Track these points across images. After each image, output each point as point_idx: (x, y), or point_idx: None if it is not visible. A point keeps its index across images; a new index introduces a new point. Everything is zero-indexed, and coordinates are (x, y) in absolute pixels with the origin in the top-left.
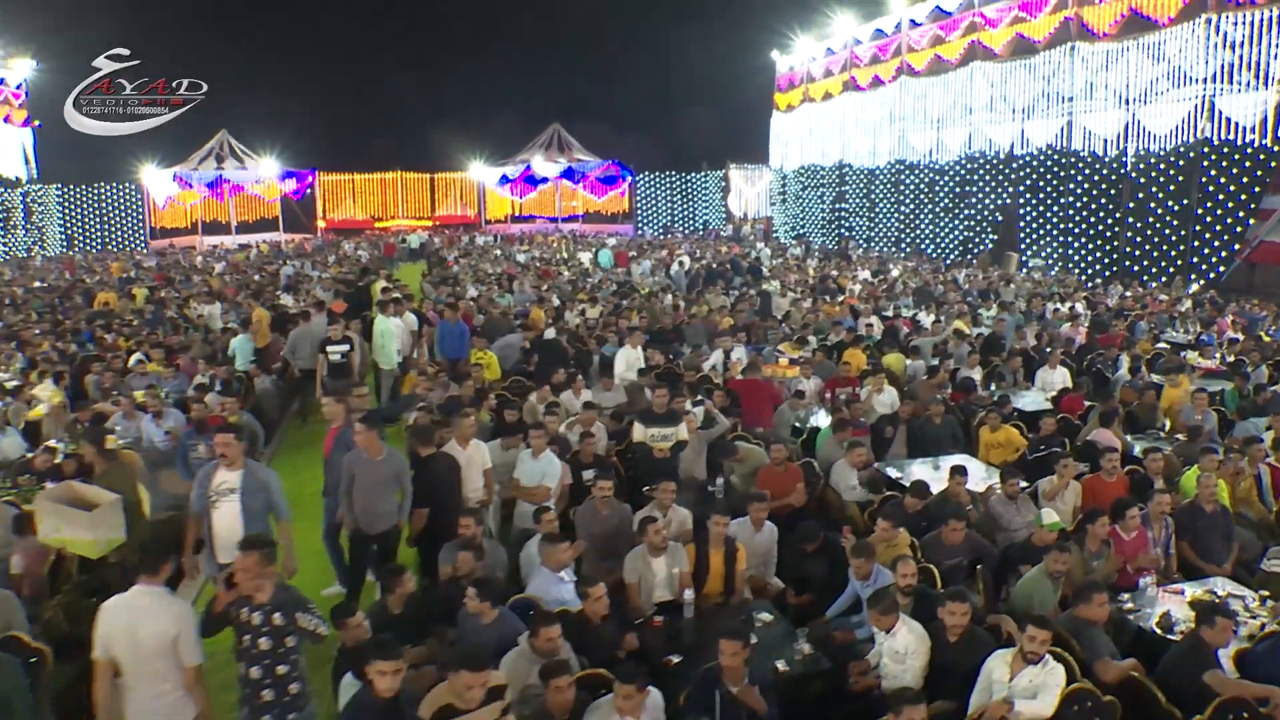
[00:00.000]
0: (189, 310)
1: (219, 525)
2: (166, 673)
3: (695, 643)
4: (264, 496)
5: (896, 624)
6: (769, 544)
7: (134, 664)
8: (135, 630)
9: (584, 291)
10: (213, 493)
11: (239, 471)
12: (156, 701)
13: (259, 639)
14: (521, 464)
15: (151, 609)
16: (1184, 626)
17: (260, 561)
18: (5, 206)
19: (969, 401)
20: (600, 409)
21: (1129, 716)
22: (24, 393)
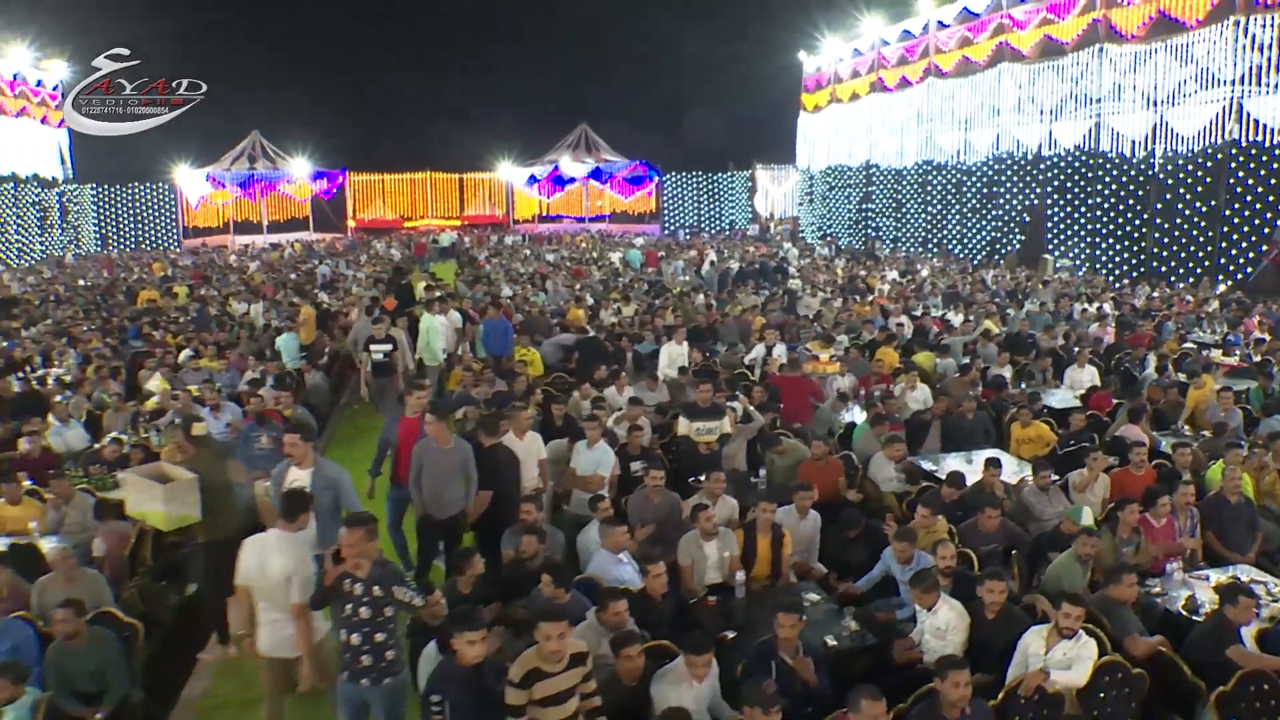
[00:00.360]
0: (231, 308)
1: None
2: (284, 604)
3: (746, 621)
4: (333, 494)
5: (937, 602)
6: (813, 531)
7: (261, 591)
8: (265, 564)
9: (617, 291)
10: (286, 489)
11: (309, 470)
12: (275, 626)
13: (359, 608)
14: (577, 455)
15: (280, 549)
16: (1208, 608)
17: (364, 537)
18: (42, 206)
19: (1000, 399)
20: (643, 404)
21: (1156, 689)
22: (84, 386)
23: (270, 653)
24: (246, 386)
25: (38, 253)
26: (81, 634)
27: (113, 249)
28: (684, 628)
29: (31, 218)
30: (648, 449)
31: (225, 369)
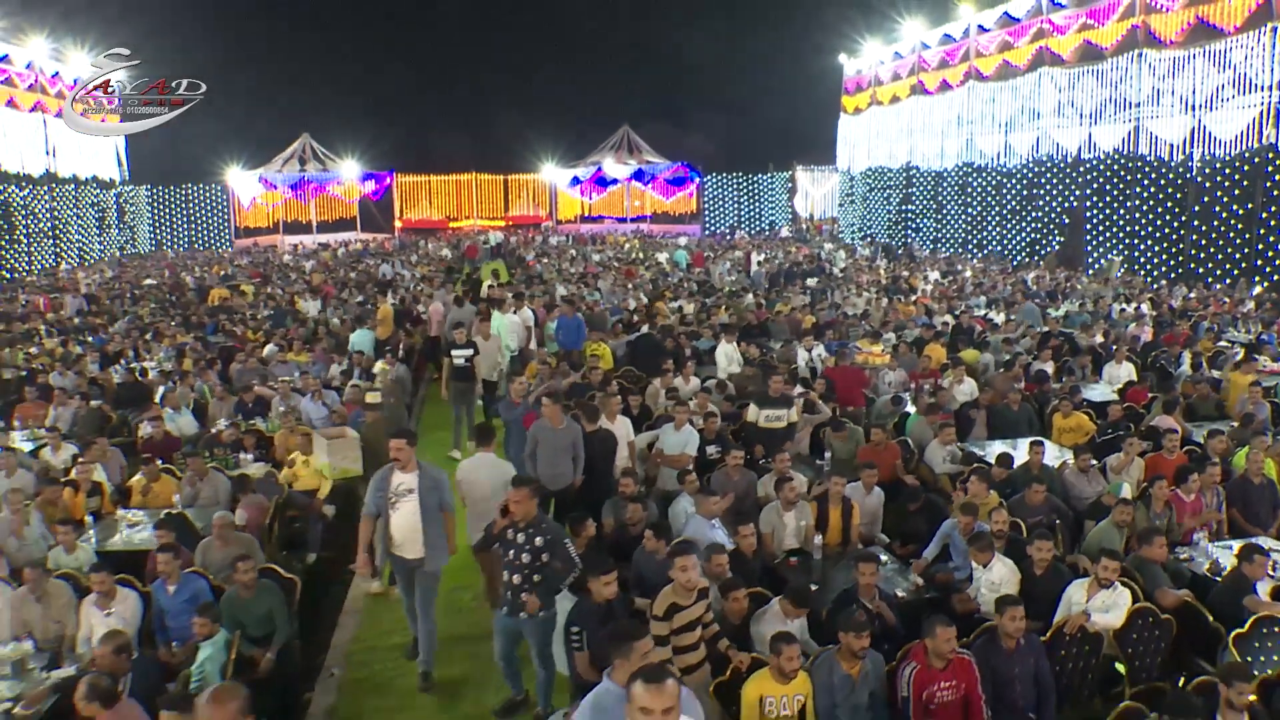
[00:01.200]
0: (300, 306)
1: (398, 523)
2: (486, 512)
3: (823, 577)
4: (437, 494)
5: (992, 559)
6: (877, 505)
7: (471, 501)
8: (477, 476)
9: (669, 290)
10: (392, 494)
11: (414, 473)
12: (485, 520)
13: (521, 554)
14: (665, 436)
15: (483, 467)
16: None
17: (528, 496)
18: (101, 207)
19: (1043, 392)
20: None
21: (1183, 634)
22: (188, 378)
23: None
24: (340, 378)
25: (96, 252)
26: (253, 584)
27: (166, 249)
28: (771, 583)
29: (90, 218)
30: (721, 433)
31: (312, 362)
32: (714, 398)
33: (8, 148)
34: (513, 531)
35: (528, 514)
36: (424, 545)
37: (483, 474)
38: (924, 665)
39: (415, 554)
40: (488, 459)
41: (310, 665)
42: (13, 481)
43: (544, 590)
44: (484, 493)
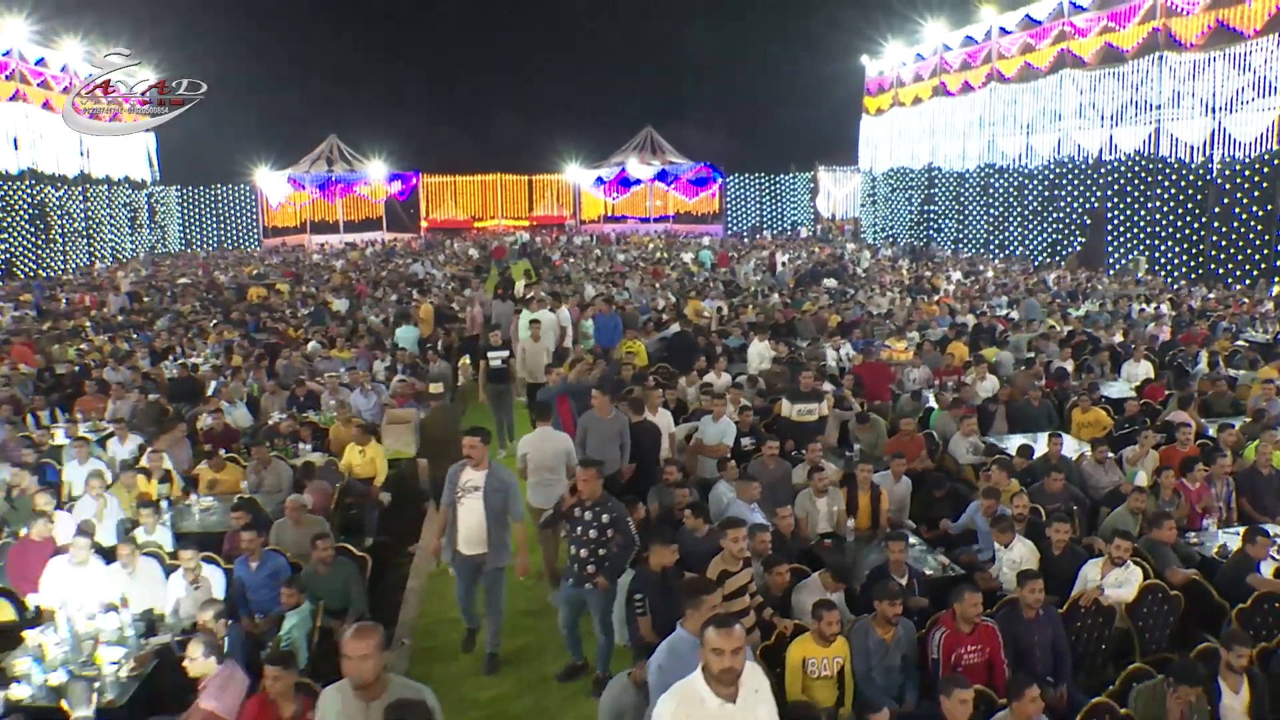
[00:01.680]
0: (334, 305)
1: (464, 519)
2: (553, 480)
3: (855, 556)
4: (503, 495)
5: (1013, 540)
6: (904, 492)
7: (537, 463)
8: (542, 447)
9: (695, 290)
10: (460, 489)
11: (483, 472)
12: (544, 485)
13: (589, 530)
14: (705, 428)
15: (542, 440)
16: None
17: (594, 476)
18: (133, 207)
19: (1063, 388)
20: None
21: (1190, 611)
22: (240, 373)
23: (539, 505)
24: (385, 372)
25: (128, 251)
26: (330, 561)
27: (197, 248)
28: (808, 563)
29: (123, 218)
30: (754, 426)
31: (355, 358)
32: (745, 392)
33: (44, 149)
34: (580, 509)
35: (593, 493)
36: (488, 544)
37: (545, 447)
38: (953, 630)
39: (477, 550)
40: (546, 432)
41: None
42: (86, 468)
43: (610, 570)
44: (545, 462)
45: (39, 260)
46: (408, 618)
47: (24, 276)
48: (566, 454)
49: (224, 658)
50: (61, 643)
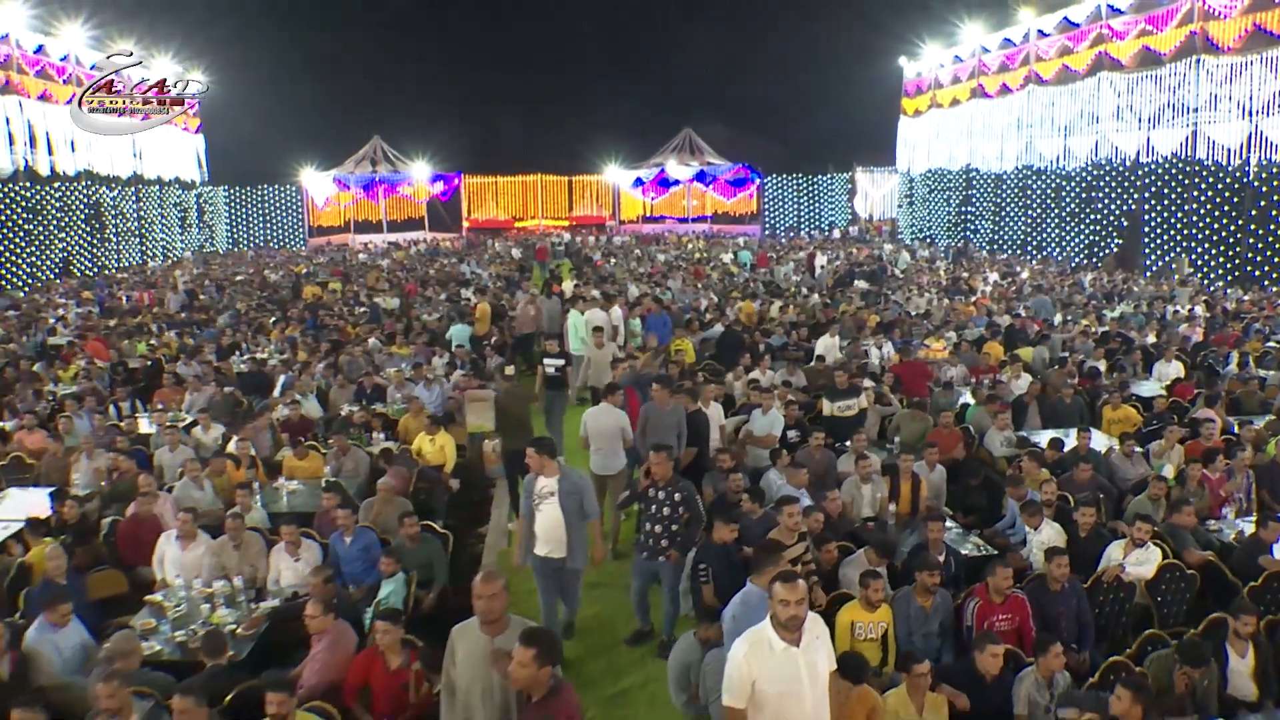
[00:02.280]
0: (388, 304)
1: (542, 524)
2: (609, 449)
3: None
4: (578, 498)
5: (1042, 523)
6: (940, 480)
7: (596, 435)
8: (601, 421)
9: (736, 290)
10: (536, 497)
11: (555, 477)
12: (601, 454)
13: (662, 508)
14: (755, 420)
15: (604, 415)
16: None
17: (665, 459)
18: (183, 207)
19: (1095, 386)
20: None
21: (1206, 589)
22: (310, 369)
23: (599, 472)
24: (444, 368)
25: (178, 250)
26: (417, 537)
27: (244, 247)
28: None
29: (174, 218)
30: (799, 419)
31: (415, 354)
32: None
33: (99, 151)
34: (654, 490)
35: (665, 475)
36: (567, 546)
37: (604, 420)
38: (985, 600)
39: (558, 554)
40: (606, 408)
41: (461, 606)
42: (176, 455)
43: (682, 544)
44: (606, 432)
45: (94, 258)
46: None
47: (80, 274)
48: (621, 429)
49: (335, 614)
50: (180, 604)
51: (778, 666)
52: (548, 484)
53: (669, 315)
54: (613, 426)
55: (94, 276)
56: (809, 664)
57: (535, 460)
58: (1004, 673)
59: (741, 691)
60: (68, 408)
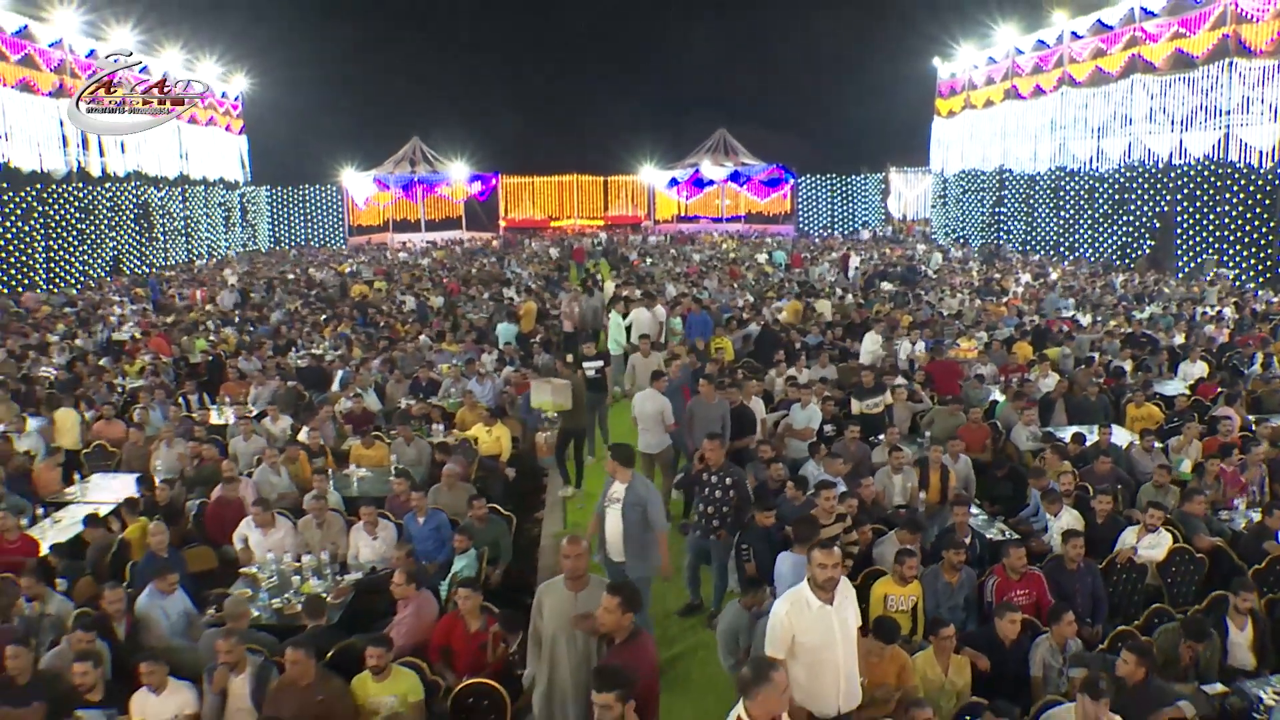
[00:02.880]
0: (432, 302)
1: (608, 528)
2: (654, 429)
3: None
4: (640, 510)
5: (1061, 510)
6: (966, 470)
7: (643, 418)
8: (645, 405)
9: (772, 289)
10: (607, 500)
11: (625, 485)
12: (648, 435)
13: (714, 491)
14: (794, 414)
15: (649, 399)
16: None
17: (719, 446)
18: (226, 206)
19: (1119, 385)
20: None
21: (1214, 570)
22: (367, 364)
23: (645, 450)
24: (493, 364)
25: (222, 248)
26: (485, 518)
27: (286, 246)
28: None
29: (218, 217)
30: (835, 415)
31: (464, 351)
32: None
33: (147, 152)
34: (707, 474)
35: (718, 461)
36: (625, 554)
37: (648, 405)
38: (1003, 578)
39: (618, 559)
40: (652, 393)
41: (524, 583)
42: (250, 444)
43: (731, 524)
44: (649, 414)
45: (143, 257)
46: (546, 565)
47: (129, 272)
48: (662, 412)
49: (418, 583)
50: (272, 576)
51: (814, 621)
52: (617, 490)
53: (709, 315)
54: (655, 410)
55: (146, 275)
56: (840, 620)
57: (611, 465)
58: (1021, 639)
59: (783, 643)
60: (142, 399)
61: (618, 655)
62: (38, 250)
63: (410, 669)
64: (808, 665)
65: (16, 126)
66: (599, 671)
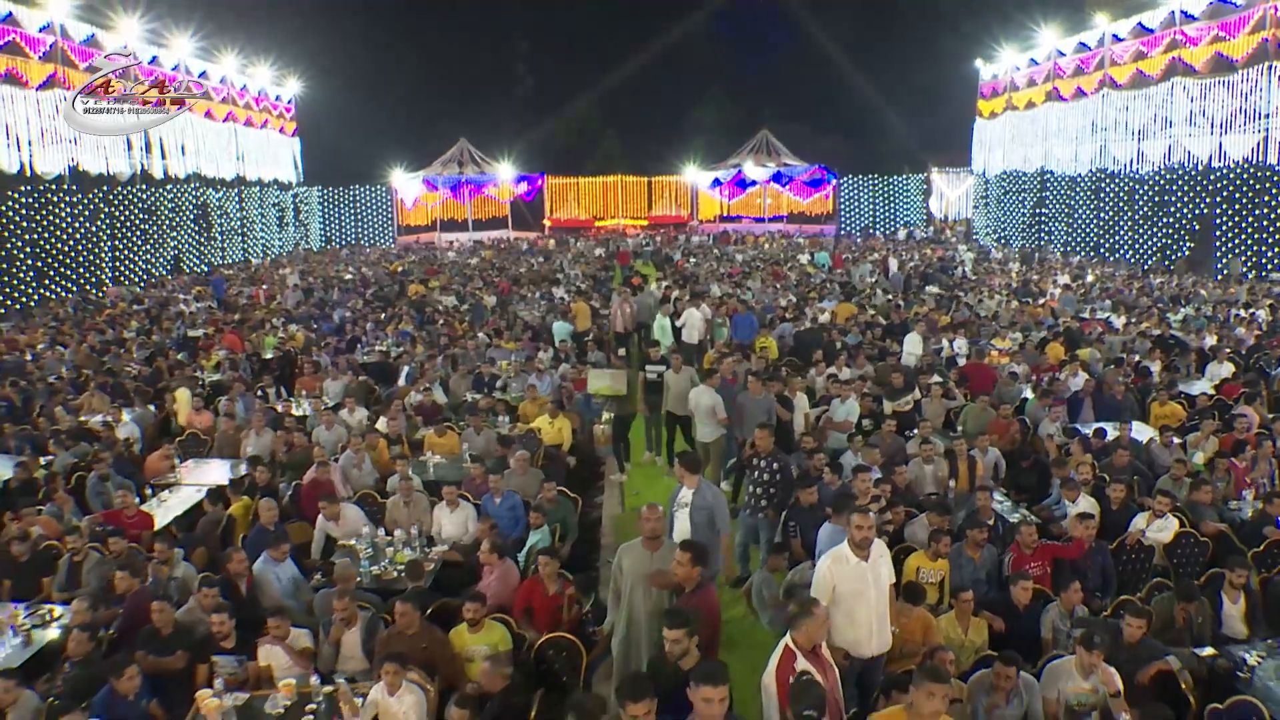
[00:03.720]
0: (485, 301)
1: (676, 530)
2: (709, 422)
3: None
4: (707, 513)
5: (1079, 497)
6: (992, 460)
7: (699, 410)
8: (700, 399)
9: (814, 290)
10: (676, 504)
11: (692, 490)
12: (704, 426)
13: (763, 474)
14: (835, 408)
15: (703, 393)
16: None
17: (769, 434)
18: (280, 207)
19: (1145, 384)
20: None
21: (1218, 553)
22: (432, 360)
23: (702, 440)
24: (550, 361)
25: (276, 248)
26: (554, 499)
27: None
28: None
29: (272, 217)
30: (873, 410)
31: (521, 348)
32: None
33: (206, 155)
34: (757, 460)
35: (767, 448)
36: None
37: (702, 399)
38: (1019, 553)
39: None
40: (705, 389)
41: (588, 558)
42: (332, 433)
43: (778, 504)
44: (703, 408)
45: (202, 256)
46: (607, 542)
47: (188, 271)
48: (714, 406)
49: (502, 555)
50: (368, 548)
51: (851, 574)
52: (685, 495)
53: (753, 315)
54: (709, 405)
55: (206, 273)
56: (874, 574)
57: (679, 471)
58: (1034, 605)
59: (825, 592)
60: (231, 392)
61: (686, 602)
62: (104, 250)
63: (501, 624)
64: (846, 612)
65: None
66: (670, 612)
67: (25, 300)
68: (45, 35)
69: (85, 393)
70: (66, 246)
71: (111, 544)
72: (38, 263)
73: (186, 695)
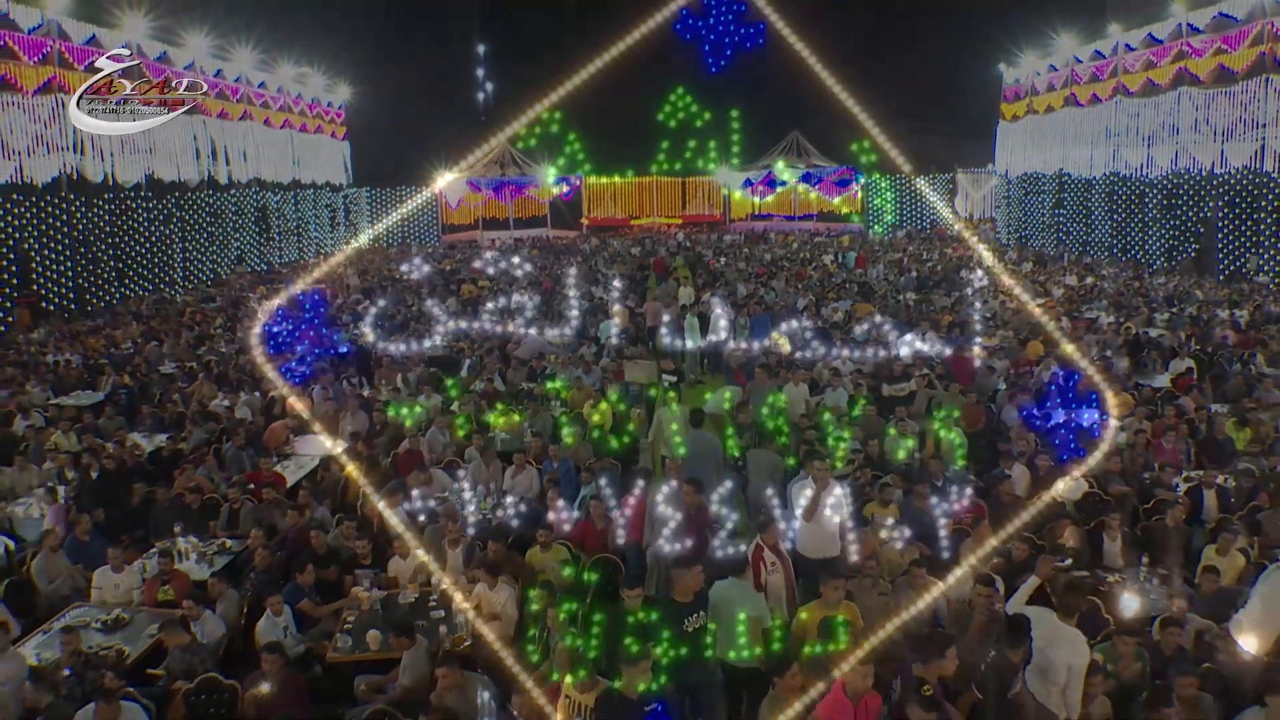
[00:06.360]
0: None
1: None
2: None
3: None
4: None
5: (1014, 465)
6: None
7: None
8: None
9: (833, 290)
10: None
11: (690, 506)
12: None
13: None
14: (827, 395)
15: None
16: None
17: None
18: (331, 208)
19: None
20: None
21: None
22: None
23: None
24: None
25: (327, 247)
26: (602, 465)
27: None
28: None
29: (325, 217)
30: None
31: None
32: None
33: (265, 160)
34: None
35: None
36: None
37: (726, 391)
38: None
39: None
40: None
41: None
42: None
43: None
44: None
45: (262, 255)
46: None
47: (250, 270)
48: (735, 394)
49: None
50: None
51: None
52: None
53: (770, 314)
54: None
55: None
56: (832, 501)
57: (689, 492)
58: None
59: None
60: (320, 380)
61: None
62: (175, 252)
63: (565, 548)
64: (808, 525)
65: (160, 141)
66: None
67: (110, 300)
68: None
69: (195, 381)
70: (143, 249)
71: (265, 494)
72: (119, 264)
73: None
